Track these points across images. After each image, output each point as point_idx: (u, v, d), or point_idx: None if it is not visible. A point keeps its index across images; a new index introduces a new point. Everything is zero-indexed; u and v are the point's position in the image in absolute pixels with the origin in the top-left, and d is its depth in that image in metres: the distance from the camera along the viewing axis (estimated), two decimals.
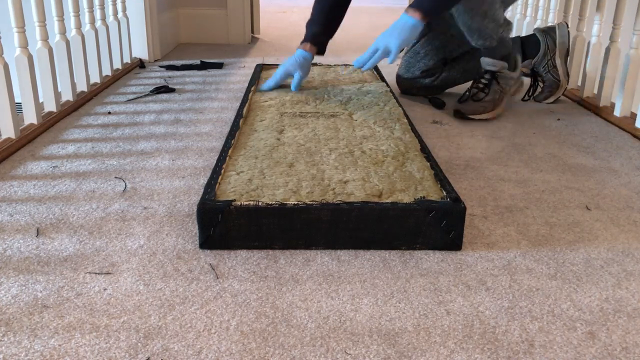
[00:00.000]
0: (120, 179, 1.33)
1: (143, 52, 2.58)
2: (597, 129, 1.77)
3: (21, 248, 1.03)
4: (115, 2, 2.27)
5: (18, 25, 1.52)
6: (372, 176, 1.15)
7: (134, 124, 1.72)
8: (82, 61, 1.92)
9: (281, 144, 1.32)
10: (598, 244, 1.10)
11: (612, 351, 0.81)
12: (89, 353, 0.78)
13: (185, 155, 1.48)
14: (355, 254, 1.04)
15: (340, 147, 1.30)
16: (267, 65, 2.18)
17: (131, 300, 0.90)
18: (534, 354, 0.80)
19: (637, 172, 1.45)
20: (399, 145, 1.32)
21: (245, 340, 0.81)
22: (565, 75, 1.99)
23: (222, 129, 1.68)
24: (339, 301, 0.91)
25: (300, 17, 4.33)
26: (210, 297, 0.91)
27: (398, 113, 1.56)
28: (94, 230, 1.10)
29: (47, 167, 1.39)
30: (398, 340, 0.82)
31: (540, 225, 1.17)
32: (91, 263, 0.99)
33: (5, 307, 0.87)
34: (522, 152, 1.56)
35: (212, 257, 1.02)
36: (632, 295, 0.94)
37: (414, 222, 1.03)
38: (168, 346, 0.80)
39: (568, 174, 1.43)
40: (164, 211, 1.18)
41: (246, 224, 1.03)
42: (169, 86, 2.13)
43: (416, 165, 1.22)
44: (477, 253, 1.06)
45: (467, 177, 1.39)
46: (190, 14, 3.08)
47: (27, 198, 1.22)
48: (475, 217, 1.19)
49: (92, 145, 1.54)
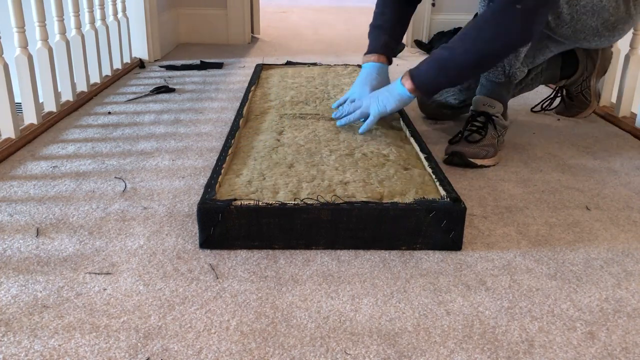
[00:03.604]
0: (120, 179, 1.33)
1: (143, 52, 2.58)
2: (597, 129, 1.77)
3: (21, 248, 1.03)
4: (115, 2, 2.27)
5: (18, 25, 1.52)
6: (372, 178, 1.15)
7: (134, 124, 1.72)
8: (82, 61, 1.92)
9: (281, 145, 1.32)
10: (598, 244, 1.10)
11: (612, 351, 0.81)
12: (89, 353, 0.78)
13: (185, 155, 1.48)
14: (355, 254, 1.04)
15: (340, 149, 1.30)
16: (267, 65, 2.18)
17: (131, 300, 0.90)
18: (534, 354, 0.80)
19: (637, 172, 1.45)
20: (400, 148, 1.32)
21: (245, 340, 0.81)
22: (596, 97, 1.83)
23: (222, 129, 1.68)
24: (339, 301, 0.91)
25: (300, 17, 4.33)
26: (210, 297, 0.91)
27: (398, 115, 1.56)
28: (94, 230, 1.10)
29: (47, 167, 1.39)
30: (398, 340, 0.82)
31: (540, 225, 1.17)
32: (91, 263, 0.99)
33: (5, 307, 0.87)
34: (522, 152, 1.56)
35: (212, 257, 1.02)
36: (632, 295, 0.94)
37: (414, 222, 1.03)
38: (168, 346, 0.80)
39: (568, 174, 1.43)
40: (164, 211, 1.18)
41: (246, 224, 1.03)
42: (169, 86, 2.13)
43: (417, 169, 1.22)
44: (477, 253, 1.06)
45: (467, 177, 1.39)
46: (190, 14, 3.08)
47: (27, 198, 1.22)
48: (475, 217, 1.19)
49: (92, 145, 1.54)
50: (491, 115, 1.49)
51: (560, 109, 1.90)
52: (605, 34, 1.48)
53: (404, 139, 1.42)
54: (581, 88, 1.81)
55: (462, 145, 1.45)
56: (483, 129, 1.47)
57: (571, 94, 1.84)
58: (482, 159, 1.45)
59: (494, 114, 1.50)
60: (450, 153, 1.46)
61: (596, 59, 1.77)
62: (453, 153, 1.45)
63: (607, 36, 1.50)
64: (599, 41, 1.51)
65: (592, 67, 1.77)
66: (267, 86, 1.88)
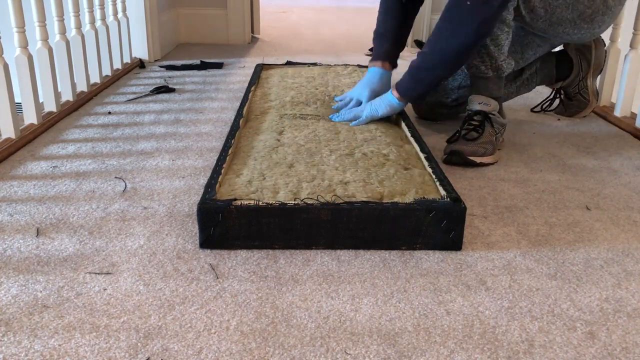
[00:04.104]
0: (120, 179, 1.33)
1: (143, 52, 2.58)
2: (597, 129, 1.77)
3: (21, 248, 1.03)
4: (115, 2, 2.27)
5: (18, 25, 1.52)
6: (372, 178, 1.15)
7: (134, 124, 1.72)
8: (82, 61, 1.92)
9: (281, 145, 1.32)
10: (598, 244, 1.10)
11: (612, 351, 0.81)
12: (89, 353, 0.78)
13: (185, 155, 1.48)
14: (355, 254, 1.04)
15: (340, 149, 1.30)
16: (267, 65, 2.18)
17: (131, 300, 0.90)
18: (534, 354, 0.80)
19: (637, 172, 1.45)
20: (400, 148, 1.32)
21: (245, 340, 0.81)
22: (594, 95, 1.84)
23: (222, 129, 1.68)
24: (339, 301, 0.91)
25: (300, 17, 4.33)
26: (210, 297, 0.91)
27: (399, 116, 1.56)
28: (94, 230, 1.10)
29: (47, 167, 1.39)
30: (398, 340, 0.82)
31: (540, 225, 1.17)
32: (91, 263, 0.99)
33: (5, 307, 0.87)
34: (522, 152, 1.56)
35: (212, 257, 1.02)
36: (632, 295, 0.94)
37: (414, 222, 1.03)
38: (168, 346, 0.80)
39: (568, 174, 1.43)
40: (164, 211, 1.18)
41: (246, 223, 1.03)
42: (169, 86, 2.13)
43: (418, 168, 1.21)
44: (477, 253, 1.06)
45: (467, 177, 1.39)
46: (190, 14, 3.08)
47: (27, 198, 1.22)
48: (475, 217, 1.19)
49: (92, 145, 1.54)
50: (488, 114, 1.49)
51: (560, 110, 1.90)
52: (584, 26, 1.50)
53: (404, 139, 1.42)
54: (578, 88, 1.82)
55: (460, 143, 1.45)
56: (480, 127, 1.47)
57: (569, 94, 1.85)
58: (481, 157, 1.45)
59: (490, 111, 1.50)
60: (449, 152, 1.45)
61: (590, 58, 1.78)
62: (452, 152, 1.44)
63: (586, 28, 1.51)
64: (580, 34, 1.53)
65: (586, 66, 1.79)
66: (267, 86, 1.88)
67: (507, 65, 1.49)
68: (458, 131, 1.49)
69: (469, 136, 1.46)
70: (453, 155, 1.44)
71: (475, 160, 1.44)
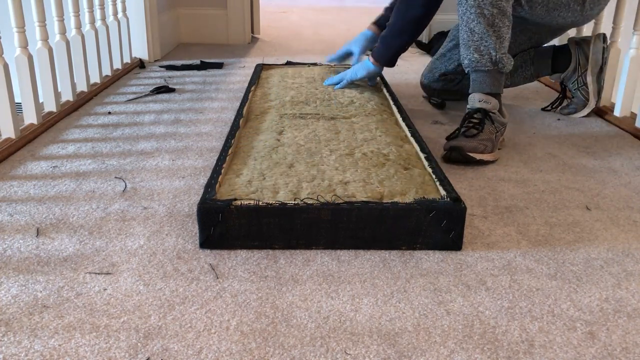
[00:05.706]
0: (120, 179, 1.33)
1: (143, 52, 2.58)
2: (597, 129, 1.77)
3: (21, 248, 1.03)
4: (115, 2, 2.27)
5: (18, 25, 1.52)
6: (372, 178, 1.15)
7: (134, 124, 1.72)
8: (82, 61, 1.92)
9: (281, 145, 1.32)
10: (598, 244, 1.10)
11: (612, 351, 0.81)
12: (89, 353, 0.78)
13: (185, 155, 1.48)
14: (355, 254, 1.04)
15: (340, 149, 1.30)
16: (267, 65, 2.18)
17: (131, 300, 0.90)
18: (534, 354, 0.80)
19: (637, 172, 1.45)
20: (400, 148, 1.32)
21: (245, 340, 0.81)
22: (595, 95, 1.84)
23: (222, 129, 1.68)
24: (339, 301, 0.91)
25: (300, 17, 4.33)
26: (210, 297, 0.91)
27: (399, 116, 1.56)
28: (94, 230, 1.10)
29: (47, 167, 1.39)
30: (398, 340, 0.82)
31: (540, 225, 1.17)
32: (91, 263, 0.99)
33: (5, 307, 0.87)
34: (522, 152, 1.56)
35: (212, 257, 1.02)
36: (632, 295, 0.94)
37: (414, 222, 1.03)
38: (168, 346, 0.80)
39: (568, 174, 1.43)
40: (164, 211, 1.18)
41: (246, 223, 1.03)
42: (169, 86, 2.13)
43: (418, 168, 1.21)
44: (477, 253, 1.06)
45: (467, 177, 1.39)
46: (190, 14, 3.08)
47: (27, 198, 1.22)
48: (475, 217, 1.19)
49: (92, 145, 1.54)
50: (488, 112, 1.50)
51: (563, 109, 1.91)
52: (577, 8, 1.62)
53: (404, 139, 1.42)
54: (578, 84, 1.84)
55: (460, 140, 1.46)
56: (480, 125, 1.48)
57: (570, 91, 1.87)
58: (481, 154, 1.45)
59: (490, 109, 1.50)
60: (448, 148, 1.46)
61: (588, 52, 1.82)
62: (451, 148, 1.45)
63: (578, 10, 1.63)
64: (574, 17, 1.64)
65: (584, 60, 1.81)
66: (267, 86, 1.88)
67: (508, 60, 1.51)
68: (458, 129, 1.51)
69: (469, 133, 1.47)
70: (453, 151, 1.45)
71: (475, 156, 1.44)
